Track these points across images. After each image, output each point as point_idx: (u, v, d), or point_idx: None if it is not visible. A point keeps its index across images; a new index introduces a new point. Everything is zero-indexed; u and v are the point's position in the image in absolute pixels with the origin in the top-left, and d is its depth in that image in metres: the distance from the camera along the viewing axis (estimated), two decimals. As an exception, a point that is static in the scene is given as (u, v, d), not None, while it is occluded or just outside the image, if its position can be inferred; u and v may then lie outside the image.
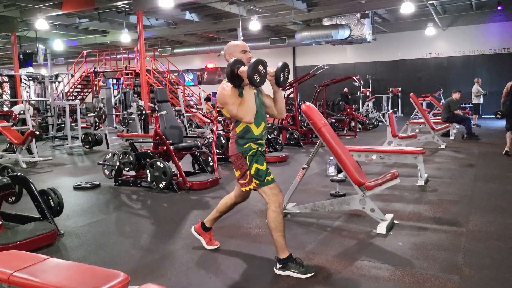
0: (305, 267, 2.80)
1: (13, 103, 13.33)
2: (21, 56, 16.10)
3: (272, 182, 2.82)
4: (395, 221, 3.85)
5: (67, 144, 9.86)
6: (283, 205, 2.87)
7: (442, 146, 8.48)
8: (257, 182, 2.81)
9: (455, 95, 9.96)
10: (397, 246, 3.31)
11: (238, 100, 2.73)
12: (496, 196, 4.79)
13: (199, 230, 3.32)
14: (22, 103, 10.98)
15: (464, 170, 6.37)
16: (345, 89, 16.82)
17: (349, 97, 16.72)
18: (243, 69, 2.64)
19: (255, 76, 2.59)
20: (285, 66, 2.87)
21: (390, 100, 17.73)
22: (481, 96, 13.26)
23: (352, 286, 2.68)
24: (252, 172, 2.81)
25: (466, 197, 4.74)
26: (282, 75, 2.82)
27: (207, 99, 17.09)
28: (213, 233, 3.37)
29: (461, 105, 13.86)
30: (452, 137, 9.85)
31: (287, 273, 2.80)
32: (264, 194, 2.83)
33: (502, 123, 13.87)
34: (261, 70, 2.63)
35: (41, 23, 13.54)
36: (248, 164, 2.82)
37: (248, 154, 2.82)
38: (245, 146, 2.83)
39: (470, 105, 14.18)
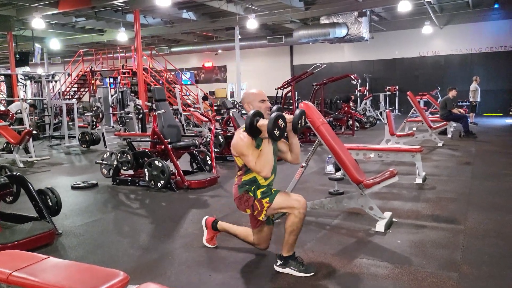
0: (306, 266, 2.80)
1: (10, 103, 13.27)
2: (17, 55, 16.02)
3: (278, 190, 2.81)
4: (393, 219, 3.86)
5: (64, 144, 9.83)
6: (306, 209, 2.78)
7: (440, 144, 8.51)
8: (267, 199, 2.77)
9: (452, 93, 9.97)
10: (396, 244, 3.31)
11: (256, 152, 2.70)
12: (494, 193, 4.81)
13: (208, 224, 3.32)
14: (19, 101, 10.94)
15: (462, 168, 6.39)
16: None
17: (350, 100, 16.53)
18: (263, 123, 2.63)
19: (275, 131, 2.57)
20: (302, 113, 2.83)
21: (387, 98, 17.76)
22: (478, 94, 13.28)
23: (351, 284, 2.68)
24: (259, 195, 2.80)
25: (463, 195, 4.76)
26: (299, 122, 2.80)
27: (205, 98, 17.07)
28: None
29: (458, 103, 13.92)
30: (449, 135, 9.87)
31: (287, 270, 2.80)
32: (282, 208, 2.76)
33: (499, 121, 13.95)
34: (281, 124, 2.61)
35: (37, 22, 13.49)
36: (253, 194, 2.82)
37: (251, 189, 2.84)
38: (246, 187, 2.85)
39: (467, 103, 14.20)
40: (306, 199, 2.83)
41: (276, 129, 2.58)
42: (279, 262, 2.84)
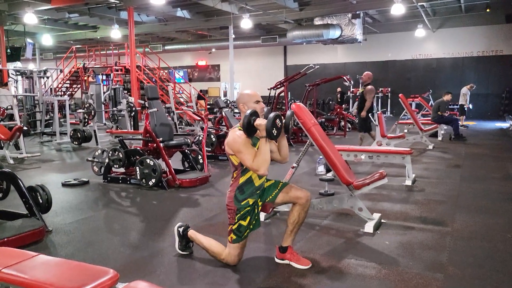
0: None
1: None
2: (8, 50, 15.88)
3: (242, 239, 2.84)
4: (382, 220, 3.90)
5: (56, 140, 9.78)
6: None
7: (430, 147, 8.59)
8: (234, 237, 2.83)
9: (447, 97, 10.03)
10: (384, 245, 3.36)
11: (253, 150, 2.73)
12: (481, 196, 4.88)
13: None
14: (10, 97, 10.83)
15: (451, 170, 6.47)
16: (339, 89, 16.79)
17: (345, 96, 16.72)
18: (260, 122, 2.68)
19: (273, 131, 2.66)
20: (292, 114, 3.00)
21: (379, 100, 17.87)
22: (468, 98, 13.43)
23: (339, 284, 2.72)
24: (234, 227, 2.84)
25: (452, 197, 4.82)
26: (290, 123, 2.91)
27: (200, 97, 17.06)
28: (203, 230, 3.37)
29: (450, 106, 14.06)
30: (439, 138, 9.97)
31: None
32: (228, 247, 2.88)
33: (488, 124, 14.11)
34: (278, 124, 2.70)
35: (29, 17, 13.38)
36: (236, 220, 2.84)
37: (241, 213, 2.83)
38: (242, 203, 2.83)
39: (457, 106, 14.35)
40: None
41: (274, 128, 2.67)
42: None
